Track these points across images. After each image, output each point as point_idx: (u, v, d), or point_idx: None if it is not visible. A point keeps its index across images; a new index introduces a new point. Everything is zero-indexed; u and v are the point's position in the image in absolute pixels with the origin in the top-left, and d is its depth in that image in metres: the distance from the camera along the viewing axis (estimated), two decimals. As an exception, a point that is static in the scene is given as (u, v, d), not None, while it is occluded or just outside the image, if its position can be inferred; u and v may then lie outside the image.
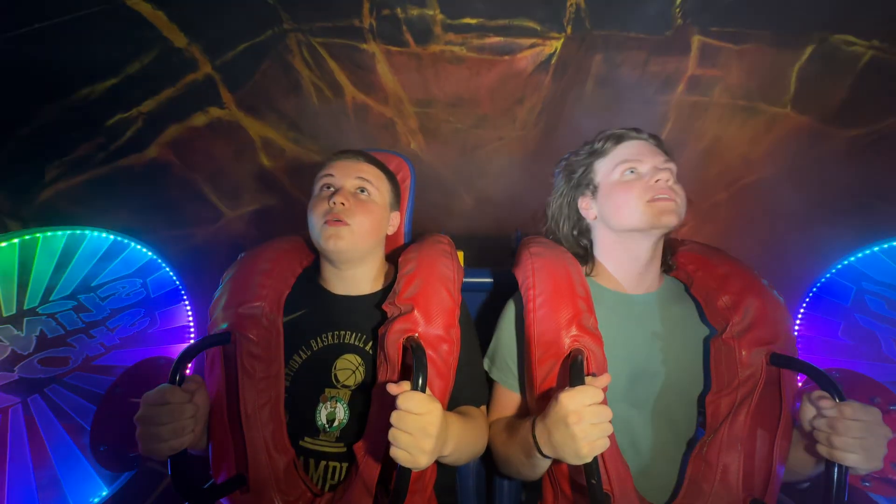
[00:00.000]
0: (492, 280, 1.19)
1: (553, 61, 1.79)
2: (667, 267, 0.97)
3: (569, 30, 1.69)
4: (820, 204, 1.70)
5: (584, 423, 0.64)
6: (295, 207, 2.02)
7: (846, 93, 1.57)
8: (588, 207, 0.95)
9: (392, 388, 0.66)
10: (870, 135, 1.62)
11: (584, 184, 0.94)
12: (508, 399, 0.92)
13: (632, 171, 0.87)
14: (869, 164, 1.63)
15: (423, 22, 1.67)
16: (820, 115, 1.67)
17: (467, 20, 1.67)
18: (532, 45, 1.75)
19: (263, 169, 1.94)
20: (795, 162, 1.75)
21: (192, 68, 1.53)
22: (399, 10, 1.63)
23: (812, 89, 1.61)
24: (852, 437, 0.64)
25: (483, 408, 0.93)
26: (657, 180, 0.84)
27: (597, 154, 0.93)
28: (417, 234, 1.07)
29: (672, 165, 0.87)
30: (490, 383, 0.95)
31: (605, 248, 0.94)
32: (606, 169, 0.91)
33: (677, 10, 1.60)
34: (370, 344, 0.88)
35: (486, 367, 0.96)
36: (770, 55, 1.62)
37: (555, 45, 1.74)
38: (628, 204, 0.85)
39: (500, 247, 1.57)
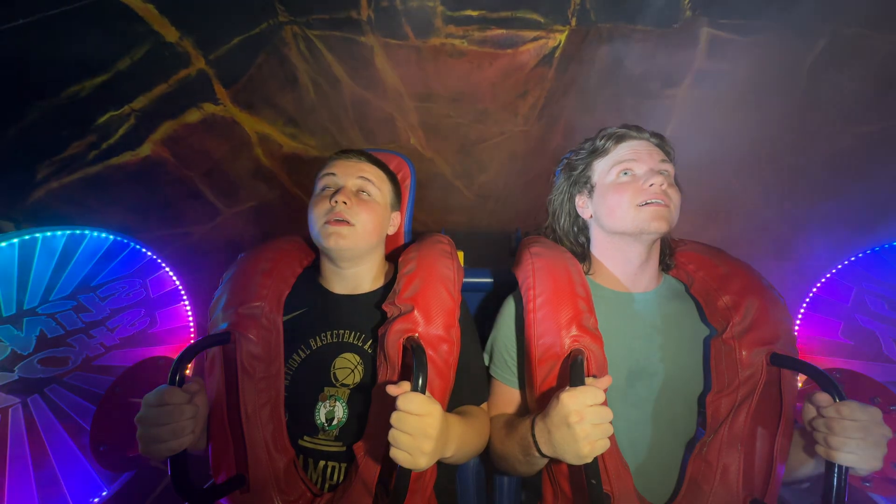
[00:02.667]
0: (492, 280, 1.19)
1: (557, 54, 1.74)
2: (665, 266, 0.98)
3: (573, 22, 1.64)
4: (829, 201, 1.67)
5: (585, 424, 0.64)
6: (294, 204, 2.00)
7: (860, 88, 1.52)
8: (584, 206, 0.95)
9: (392, 390, 0.66)
10: (882, 131, 1.58)
11: (581, 182, 0.95)
12: (506, 395, 0.92)
13: (626, 173, 0.88)
14: (881, 161, 1.60)
15: (422, 14, 1.62)
16: (832, 110, 1.63)
17: (469, 12, 1.62)
18: (535, 38, 1.70)
19: (261, 165, 1.91)
20: (804, 159, 1.72)
21: (184, 63, 1.49)
22: (398, 2, 1.58)
23: (824, 84, 1.57)
24: (850, 438, 0.64)
25: (484, 405, 0.93)
26: (651, 184, 0.84)
27: (597, 153, 0.93)
28: (418, 233, 1.07)
29: (668, 168, 0.87)
30: (488, 379, 0.96)
31: (601, 247, 0.95)
32: (603, 169, 0.91)
33: (686, 1, 1.55)
34: (369, 343, 0.88)
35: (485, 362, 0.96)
36: (781, 48, 1.57)
37: (559, 37, 1.70)
38: (620, 206, 0.86)
39: (501, 243, 1.55)
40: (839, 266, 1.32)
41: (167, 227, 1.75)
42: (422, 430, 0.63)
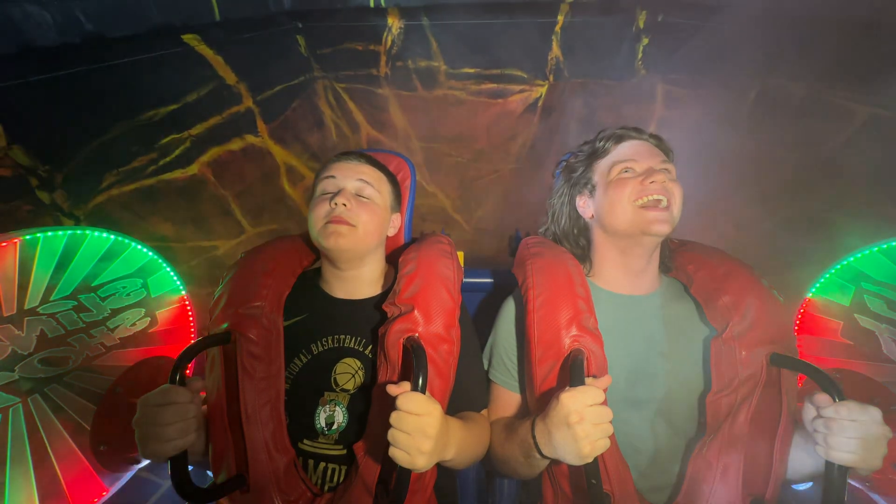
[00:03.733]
0: (492, 280, 1.20)
1: (540, 104, 2.11)
2: (665, 268, 0.97)
3: (551, 78, 2.02)
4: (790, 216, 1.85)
5: (585, 424, 0.64)
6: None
7: (789, 128, 1.81)
8: (585, 206, 0.95)
9: (392, 389, 0.66)
10: (815, 163, 1.83)
11: (582, 182, 0.95)
12: (506, 399, 0.91)
13: (627, 171, 0.88)
14: (819, 179, 1.82)
15: (429, 71, 2.03)
16: (773, 145, 1.91)
17: (466, 70, 2.02)
18: (521, 91, 2.08)
19: (284, 193, 2.19)
20: (764, 184, 1.94)
21: (237, 101, 1.86)
22: (410, 62, 2.00)
23: (761, 126, 1.87)
24: (849, 438, 0.64)
25: (485, 412, 0.92)
26: (652, 181, 0.84)
27: (596, 154, 0.93)
28: (417, 235, 1.09)
29: (670, 166, 0.88)
30: (487, 384, 0.95)
31: (602, 249, 0.94)
32: (604, 168, 0.91)
33: (639, 62, 1.93)
34: (370, 348, 0.87)
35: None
36: (722, 96, 1.90)
37: (540, 90, 2.07)
38: (621, 202, 0.85)
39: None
40: (839, 266, 1.30)
41: (198, 238, 1.97)
42: (421, 429, 0.63)
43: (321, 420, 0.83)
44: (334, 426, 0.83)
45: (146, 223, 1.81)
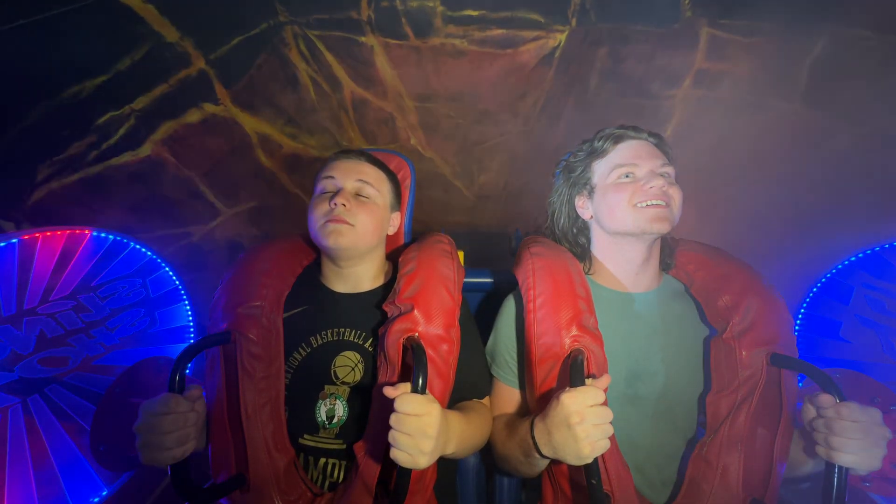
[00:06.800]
0: (492, 280, 1.19)
1: (557, 55, 1.74)
2: (665, 265, 0.98)
3: (573, 22, 1.64)
4: (826, 201, 1.68)
5: (585, 424, 0.64)
6: (295, 204, 2.00)
7: (859, 89, 1.53)
8: (584, 207, 0.95)
9: (389, 392, 0.66)
10: (879, 132, 1.59)
11: (581, 183, 0.95)
12: (508, 395, 0.92)
13: (628, 176, 0.88)
14: (877, 162, 1.61)
15: (422, 14, 1.62)
16: (831, 111, 1.64)
17: (469, 12, 1.62)
18: (535, 38, 1.70)
19: (261, 166, 1.91)
20: (802, 159, 1.72)
21: (184, 64, 1.50)
22: (398, 2, 1.58)
23: (824, 84, 1.57)
24: (849, 438, 0.64)
25: (486, 399, 0.93)
26: (651, 186, 0.84)
27: (595, 154, 0.93)
28: (418, 232, 1.07)
29: (669, 170, 0.87)
30: (490, 375, 0.96)
31: (601, 247, 0.95)
32: (603, 171, 0.91)
33: (687, 1, 1.55)
34: (370, 341, 0.88)
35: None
36: (781, 48, 1.57)
37: (559, 37, 1.70)
38: (620, 206, 0.86)
39: (501, 244, 1.55)
40: (839, 266, 1.32)
41: (167, 226, 1.76)
42: (421, 429, 0.63)
43: (322, 413, 0.84)
44: (335, 420, 0.84)
45: (102, 216, 1.58)
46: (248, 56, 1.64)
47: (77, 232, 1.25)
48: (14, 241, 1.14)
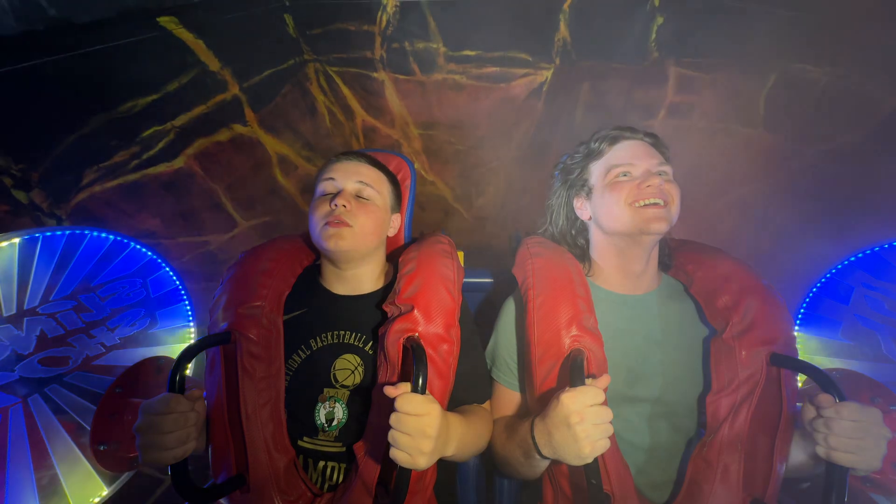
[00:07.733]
0: (492, 280, 1.19)
1: (545, 89, 1.98)
2: (664, 265, 0.98)
3: (557, 61, 1.90)
4: (800, 210, 1.81)
5: (586, 424, 0.64)
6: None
7: (809, 114, 1.72)
8: (582, 208, 0.95)
9: (389, 391, 0.66)
10: (834, 150, 1.75)
11: (578, 184, 0.95)
12: (508, 398, 0.91)
13: (625, 175, 0.88)
14: (836, 175, 1.76)
15: (427, 53, 1.90)
16: (790, 133, 1.82)
17: (467, 52, 1.89)
18: (525, 74, 1.95)
19: (277, 183, 2.10)
20: (775, 174, 1.88)
21: (222, 89, 1.74)
22: (407, 44, 1.86)
23: (778, 112, 1.77)
24: (849, 438, 0.64)
25: (487, 403, 0.92)
26: (648, 185, 0.84)
27: (592, 156, 0.93)
28: (417, 234, 1.09)
29: (666, 168, 0.88)
30: (490, 378, 0.96)
31: (600, 248, 0.94)
32: (600, 171, 0.91)
33: (652, 43, 1.80)
34: (370, 344, 0.87)
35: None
36: (739, 83, 1.79)
37: (545, 74, 1.95)
38: (618, 205, 0.86)
39: (496, 262, 1.65)
40: (839, 266, 1.31)
41: (189, 233, 1.90)
42: (420, 430, 0.63)
43: (321, 416, 0.83)
44: (334, 422, 0.83)
45: (133, 220, 1.74)
46: (276, 86, 1.90)
47: (77, 232, 1.25)
48: (14, 240, 1.13)
